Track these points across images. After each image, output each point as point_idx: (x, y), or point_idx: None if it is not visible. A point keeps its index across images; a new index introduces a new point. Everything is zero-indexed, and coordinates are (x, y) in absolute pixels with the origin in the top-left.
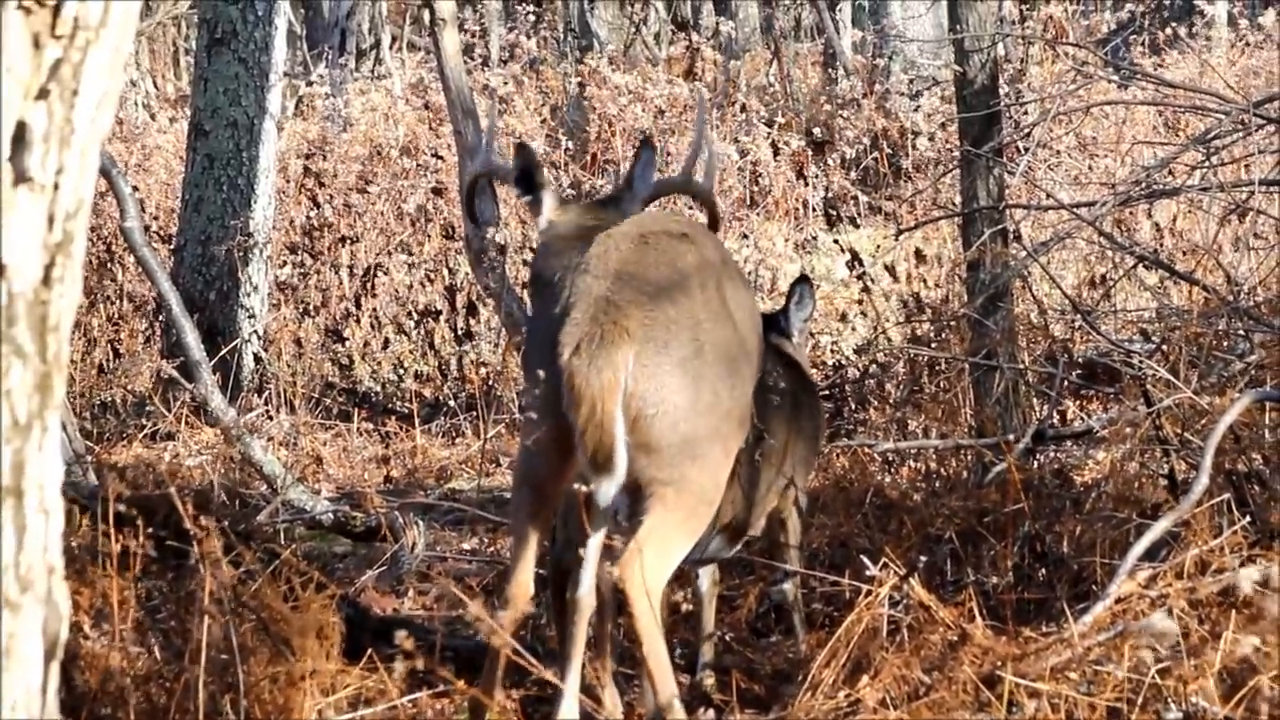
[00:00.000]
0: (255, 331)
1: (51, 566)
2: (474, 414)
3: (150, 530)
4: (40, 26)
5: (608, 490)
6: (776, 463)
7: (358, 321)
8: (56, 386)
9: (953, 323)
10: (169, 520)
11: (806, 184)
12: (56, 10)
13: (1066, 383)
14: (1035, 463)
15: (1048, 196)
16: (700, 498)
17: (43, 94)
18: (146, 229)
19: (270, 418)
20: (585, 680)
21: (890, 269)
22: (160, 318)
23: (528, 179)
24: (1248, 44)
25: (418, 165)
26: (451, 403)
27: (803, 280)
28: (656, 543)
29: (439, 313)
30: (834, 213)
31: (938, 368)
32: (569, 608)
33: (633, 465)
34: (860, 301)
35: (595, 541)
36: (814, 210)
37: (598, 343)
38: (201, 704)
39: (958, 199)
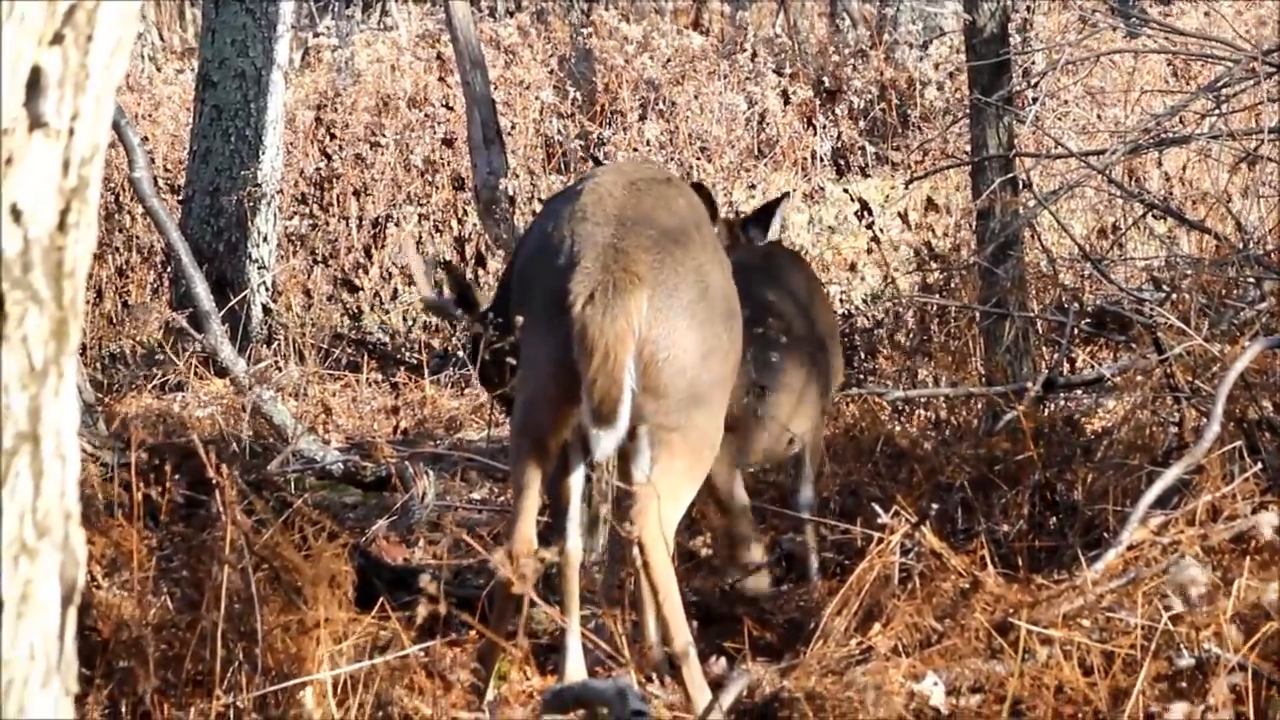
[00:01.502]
0: (264, 282)
1: (68, 512)
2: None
3: (166, 480)
4: None
5: (608, 443)
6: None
7: (367, 272)
8: (73, 333)
9: (963, 271)
10: (181, 469)
11: (815, 134)
12: None
13: (1077, 331)
14: (1046, 411)
15: (1057, 145)
16: (705, 441)
17: (57, 39)
18: (155, 179)
19: (279, 368)
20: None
21: (903, 216)
22: (169, 268)
23: (465, 301)
24: None
25: (425, 116)
26: (460, 353)
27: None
28: (667, 490)
29: (449, 263)
30: (842, 163)
31: (948, 316)
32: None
33: (639, 413)
34: (870, 251)
35: (578, 491)
36: (822, 160)
37: (612, 291)
38: (218, 652)
39: (967, 148)
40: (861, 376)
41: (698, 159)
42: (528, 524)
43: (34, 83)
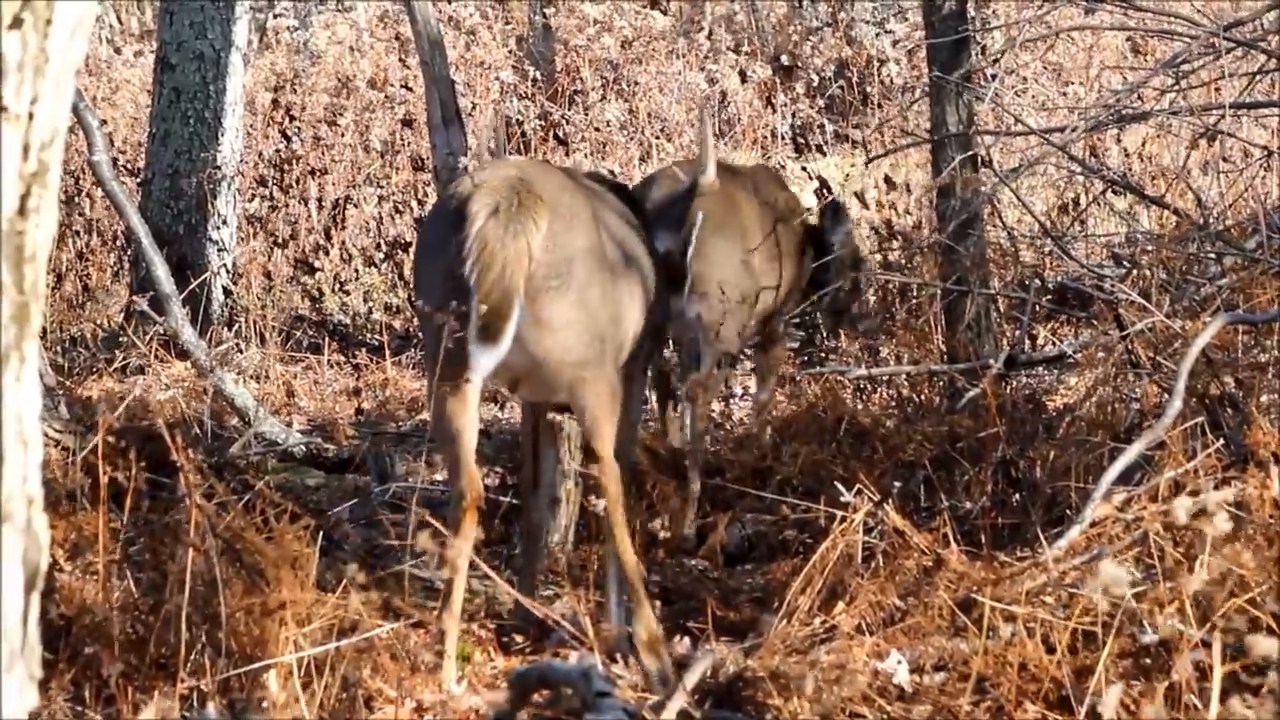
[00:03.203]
0: (224, 265)
1: (31, 497)
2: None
3: (128, 464)
4: None
5: (488, 361)
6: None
7: (327, 254)
8: (34, 317)
9: (923, 249)
10: (144, 453)
11: (775, 111)
12: None
13: (1038, 308)
14: (1008, 388)
15: (1017, 122)
16: (613, 380)
17: (16, 23)
18: (114, 162)
19: (240, 351)
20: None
21: (860, 196)
22: (129, 251)
23: None
24: None
25: (385, 97)
26: (421, 334)
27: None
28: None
29: (409, 244)
30: (801, 141)
31: (909, 294)
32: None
33: (535, 347)
34: None
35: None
36: (782, 139)
37: (515, 208)
38: (182, 635)
39: (926, 126)
40: (823, 355)
41: (657, 139)
42: (470, 464)
43: None
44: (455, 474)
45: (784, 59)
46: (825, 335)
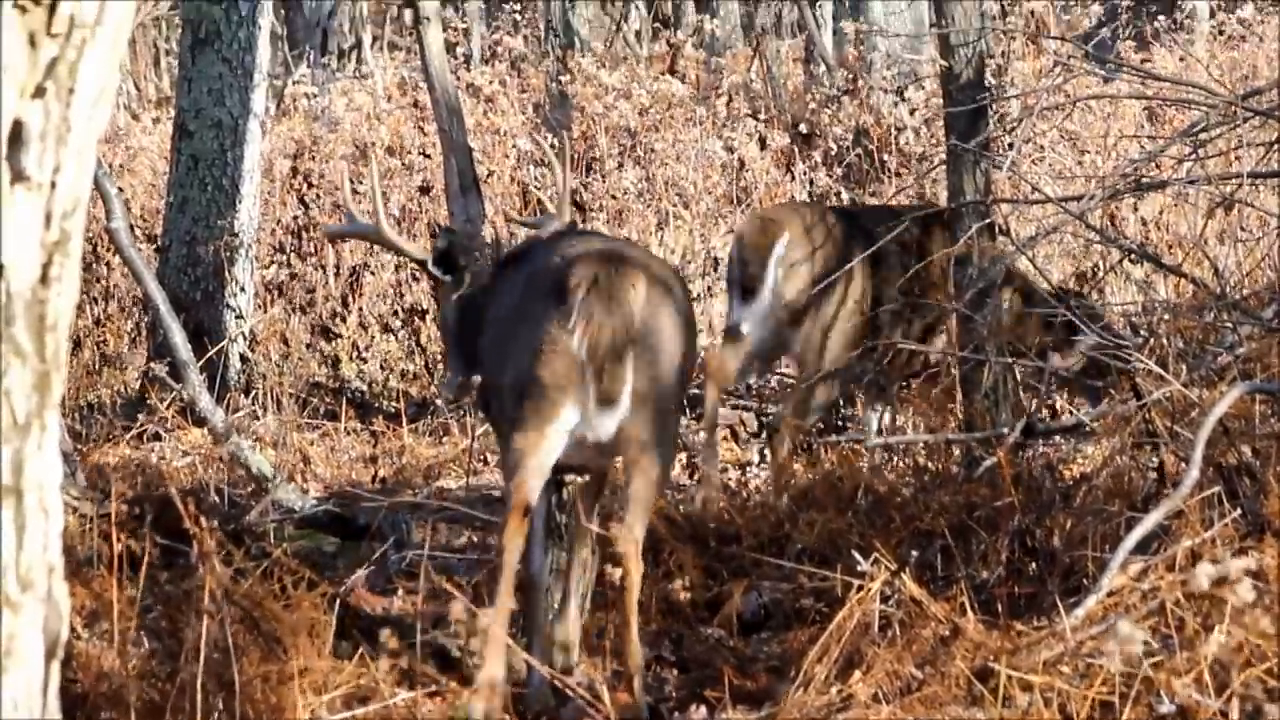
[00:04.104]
0: (242, 331)
1: (51, 565)
2: (461, 412)
3: (145, 530)
4: (36, 25)
5: (609, 425)
6: None
7: (344, 321)
8: (55, 386)
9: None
10: (160, 520)
11: (793, 179)
12: (52, 8)
13: (1056, 377)
14: (1025, 457)
15: (1034, 191)
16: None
17: (39, 92)
18: (131, 229)
19: (257, 417)
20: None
21: None
22: (146, 318)
23: (447, 260)
24: (1229, 37)
25: (403, 164)
26: (438, 401)
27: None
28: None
29: (425, 311)
30: None
31: (927, 362)
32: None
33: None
34: None
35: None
36: None
37: (613, 277)
38: (198, 703)
39: (943, 194)
40: (841, 423)
41: (674, 206)
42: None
43: (15, 136)
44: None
45: (802, 126)
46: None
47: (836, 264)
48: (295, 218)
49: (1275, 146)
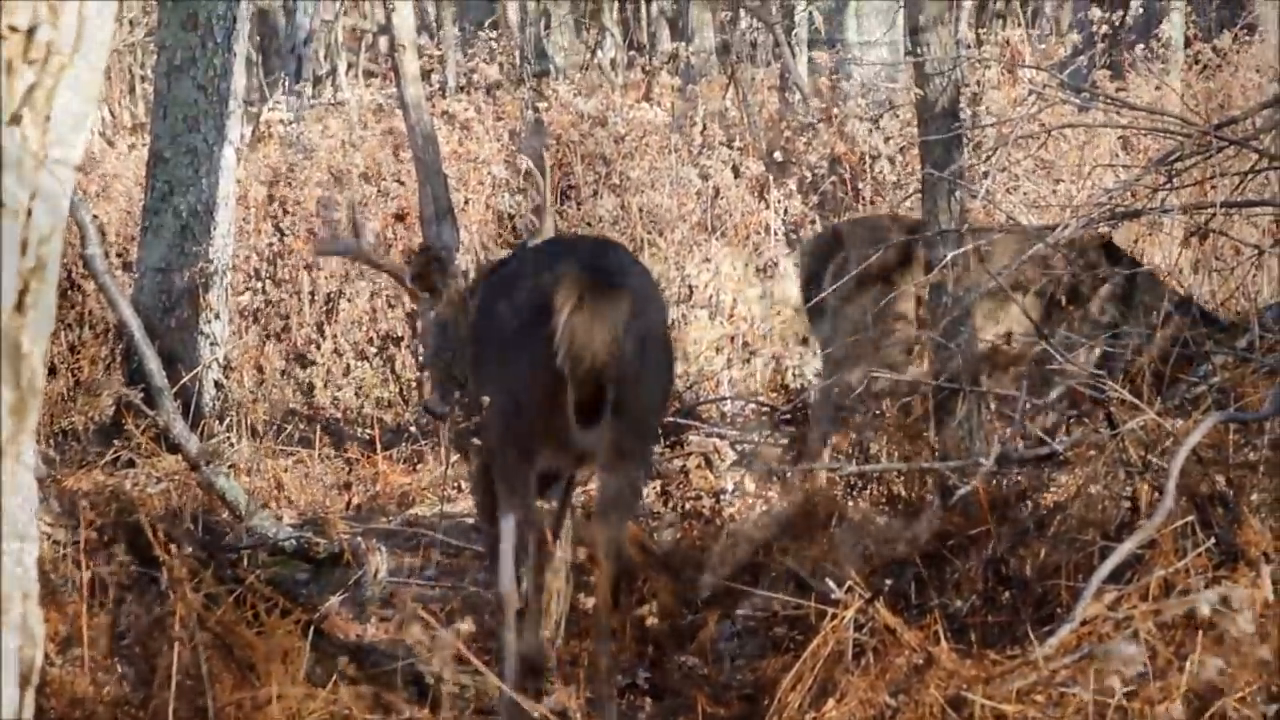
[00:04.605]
0: (216, 358)
1: (26, 592)
2: (435, 440)
3: (118, 557)
4: (13, 52)
5: (591, 442)
6: None
7: (319, 348)
8: (31, 413)
9: (915, 345)
10: (133, 547)
11: (768, 207)
12: (30, 36)
13: (1029, 405)
14: (999, 485)
15: (1009, 219)
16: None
17: (15, 119)
18: (106, 255)
19: (232, 444)
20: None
21: None
22: (121, 345)
23: (425, 278)
24: (1204, 66)
25: (379, 191)
26: (413, 429)
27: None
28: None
29: (400, 338)
30: (794, 236)
31: (900, 391)
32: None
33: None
34: None
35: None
36: (775, 234)
37: (599, 295)
38: None
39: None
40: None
41: (649, 234)
42: (512, 564)
43: None
44: (496, 566)
45: (777, 154)
46: None
47: None
48: (270, 244)
49: (1250, 176)
